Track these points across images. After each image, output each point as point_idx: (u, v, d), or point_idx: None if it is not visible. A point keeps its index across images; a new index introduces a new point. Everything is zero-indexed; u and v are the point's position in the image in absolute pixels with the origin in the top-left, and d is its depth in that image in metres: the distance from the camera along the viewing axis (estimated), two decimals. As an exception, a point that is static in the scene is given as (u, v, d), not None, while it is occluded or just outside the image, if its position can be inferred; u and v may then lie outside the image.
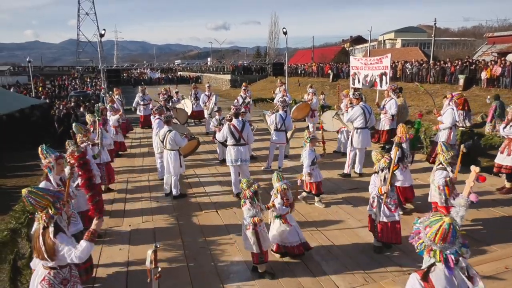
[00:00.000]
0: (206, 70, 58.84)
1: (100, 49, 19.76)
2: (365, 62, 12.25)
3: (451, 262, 2.29)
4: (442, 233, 2.27)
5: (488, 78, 20.18)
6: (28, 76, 38.41)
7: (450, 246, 2.30)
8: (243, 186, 4.82)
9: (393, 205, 5.15)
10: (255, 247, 4.70)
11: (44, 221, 3.15)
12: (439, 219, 2.35)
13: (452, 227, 2.28)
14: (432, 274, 2.37)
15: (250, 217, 4.67)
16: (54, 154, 4.60)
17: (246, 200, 4.73)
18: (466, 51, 44.07)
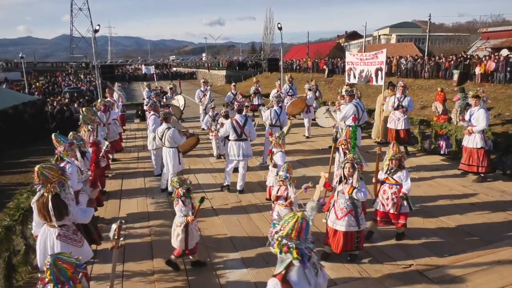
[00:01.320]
0: (201, 65, 58.62)
1: (94, 45, 19.58)
2: (361, 58, 12.25)
3: (306, 257, 2.33)
4: (297, 228, 2.31)
5: (482, 73, 20.30)
6: (21, 72, 38.02)
7: (303, 242, 2.34)
8: (175, 185, 4.74)
9: (340, 212, 4.80)
10: (181, 244, 4.75)
11: (56, 188, 3.78)
12: (292, 216, 2.40)
13: (306, 221, 2.33)
14: (289, 275, 2.40)
15: (183, 217, 4.67)
16: (67, 141, 5.19)
17: (179, 199, 4.70)
18: (461, 46, 44.32)
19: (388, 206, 5.32)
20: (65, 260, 2.63)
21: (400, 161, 5.34)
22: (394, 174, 5.34)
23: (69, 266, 2.61)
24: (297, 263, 2.36)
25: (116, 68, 43.74)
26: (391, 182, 5.34)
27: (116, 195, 7.83)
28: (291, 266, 2.39)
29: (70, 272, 2.60)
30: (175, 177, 4.89)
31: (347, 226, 4.76)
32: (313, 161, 9.61)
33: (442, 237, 5.56)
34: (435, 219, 6.17)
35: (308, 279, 2.41)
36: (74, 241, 4.01)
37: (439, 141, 9.80)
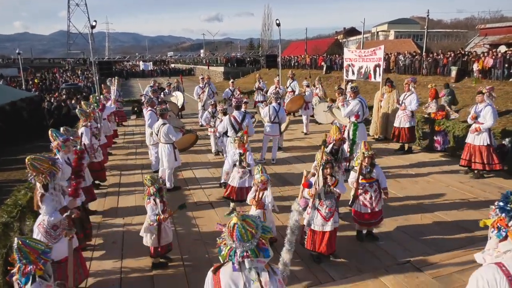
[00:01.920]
0: (199, 62, 58.47)
1: (91, 41, 19.50)
2: (359, 54, 12.24)
3: (235, 260, 2.31)
4: (229, 231, 2.30)
5: (480, 70, 20.30)
6: (18, 69, 37.82)
7: (239, 244, 2.28)
8: (147, 182, 4.71)
9: (328, 213, 4.73)
10: (153, 242, 4.76)
11: (47, 179, 3.90)
12: (231, 217, 2.37)
13: (236, 227, 2.28)
14: (223, 268, 2.40)
15: (155, 215, 4.65)
16: (62, 137, 5.17)
17: (150, 197, 4.68)
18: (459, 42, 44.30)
19: (373, 204, 5.26)
20: (29, 244, 2.83)
21: (372, 159, 5.28)
22: (371, 173, 5.28)
23: (33, 251, 2.80)
24: (229, 263, 2.36)
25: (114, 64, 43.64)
26: (371, 181, 5.27)
27: (114, 191, 7.82)
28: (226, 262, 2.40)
29: (33, 257, 2.79)
30: (147, 175, 4.87)
31: (334, 224, 4.76)
32: (311, 158, 9.56)
33: (439, 233, 5.59)
34: (432, 215, 6.19)
35: (236, 283, 2.35)
36: (48, 235, 4.02)
37: (436, 138, 9.82)
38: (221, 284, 2.38)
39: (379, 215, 5.36)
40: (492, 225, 2.50)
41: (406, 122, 9.54)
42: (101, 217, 6.56)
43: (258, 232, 2.32)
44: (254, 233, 2.29)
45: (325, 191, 4.74)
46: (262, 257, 2.32)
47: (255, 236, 2.30)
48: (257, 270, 2.35)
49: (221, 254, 2.38)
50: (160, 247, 4.83)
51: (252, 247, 2.29)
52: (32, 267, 2.78)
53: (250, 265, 2.32)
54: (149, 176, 4.79)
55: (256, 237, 2.30)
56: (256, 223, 2.34)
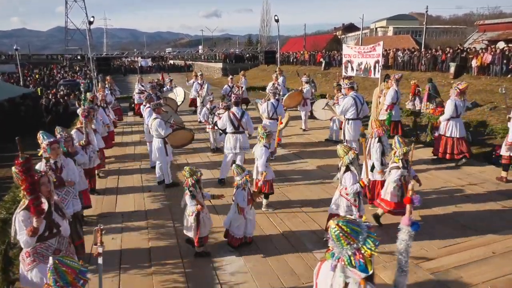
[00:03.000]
0: (197, 58, 58.25)
1: (89, 37, 19.44)
2: (359, 50, 12.20)
3: (333, 260, 2.33)
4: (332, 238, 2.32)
5: (478, 66, 20.28)
6: (16, 65, 37.65)
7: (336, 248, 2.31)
8: (186, 174, 4.86)
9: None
10: (193, 233, 4.87)
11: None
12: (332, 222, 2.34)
13: (332, 228, 2.28)
14: (328, 261, 2.42)
15: (194, 206, 4.77)
16: (48, 139, 4.73)
17: (189, 188, 4.80)
18: (457, 39, 44.29)
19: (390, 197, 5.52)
20: (67, 264, 2.47)
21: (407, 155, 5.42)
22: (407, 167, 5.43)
23: (71, 270, 2.45)
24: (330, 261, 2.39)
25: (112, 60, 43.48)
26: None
27: (113, 189, 7.82)
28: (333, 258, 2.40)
29: (71, 277, 2.43)
30: (187, 167, 4.98)
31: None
32: (309, 154, 9.63)
33: (437, 229, 5.61)
34: (430, 210, 6.22)
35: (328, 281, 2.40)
36: (42, 256, 3.62)
37: (435, 134, 9.83)
38: (319, 274, 2.51)
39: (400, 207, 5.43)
40: None
41: (382, 115, 9.93)
42: (100, 214, 6.57)
43: (358, 242, 2.25)
44: (351, 242, 2.25)
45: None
46: (357, 269, 2.25)
47: (352, 245, 2.25)
48: (348, 279, 2.30)
49: (327, 254, 2.44)
50: (204, 237, 4.94)
51: (347, 254, 2.25)
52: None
53: (341, 270, 2.29)
54: (188, 168, 4.91)
55: (352, 246, 2.25)
56: (357, 233, 2.27)
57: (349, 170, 4.91)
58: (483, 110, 14.21)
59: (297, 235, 5.55)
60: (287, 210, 6.47)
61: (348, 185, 4.91)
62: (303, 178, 7.98)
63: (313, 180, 7.78)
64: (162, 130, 7.36)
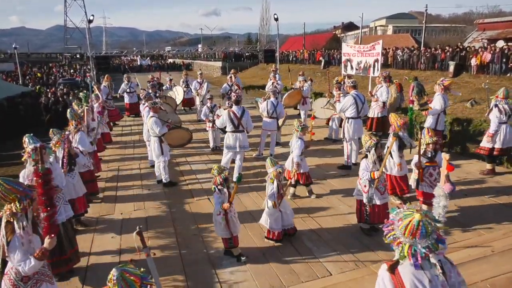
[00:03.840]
0: (197, 57, 58.24)
1: (88, 36, 19.40)
2: (359, 49, 12.23)
3: (418, 257, 2.25)
4: (411, 229, 2.22)
5: (478, 65, 20.30)
6: (15, 64, 37.59)
7: (420, 241, 2.24)
8: (214, 172, 4.84)
9: (383, 187, 5.29)
10: (225, 233, 4.82)
11: (7, 215, 2.99)
12: (410, 214, 2.29)
13: (422, 224, 2.21)
14: (401, 267, 2.33)
15: (220, 204, 4.72)
16: (35, 143, 4.36)
17: (217, 186, 4.77)
18: (457, 37, 44.26)
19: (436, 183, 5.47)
20: (132, 272, 2.47)
21: (437, 144, 5.58)
22: (434, 157, 5.54)
23: (137, 278, 2.45)
24: (406, 261, 2.30)
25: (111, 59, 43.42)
26: (434, 164, 5.51)
27: (112, 188, 7.82)
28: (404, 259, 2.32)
29: (138, 285, 2.44)
30: (216, 165, 4.97)
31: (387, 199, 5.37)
32: (309, 152, 9.57)
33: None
34: (428, 209, 6.21)
35: (423, 280, 2.29)
36: (47, 277, 3.29)
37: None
38: (404, 284, 2.30)
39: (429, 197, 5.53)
40: None
41: (378, 112, 10.07)
42: (99, 213, 6.57)
43: (435, 224, 2.30)
44: (433, 227, 2.27)
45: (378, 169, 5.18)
46: (441, 248, 2.30)
47: (434, 229, 2.28)
48: (440, 263, 2.33)
49: (400, 254, 2.32)
50: (233, 237, 4.87)
51: (433, 241, 2.26)
52: None
53: (435, 259, 2.31)
54: (217, 166, 4.89)
55: (435, 230, 2.28)
56: (431, 215, 2.34)
57: (366, 157, 5.32)
58: (482, 109, 14.20)
59: (297, 233, 5.56)
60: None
61: (360, 171, 5.32)
62: (303, 177, 7.97)
63: (313, 178, 7.77)
64: (157, 129, 7.37)
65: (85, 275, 4.75)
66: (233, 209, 4.88)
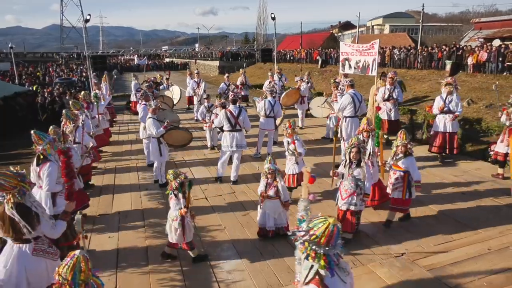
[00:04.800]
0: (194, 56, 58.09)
1: (85, 35, 19.34)
2: (357, 48, 12.20)
3: (333, 264, 2.26)
4: (328, 235, 2.20)
5: (474, 64, 20.36)
6: (11, 63, 37.38)
7: (332, 248, 2.24)
8: (169, 177, 4.70)
9: (344, 193, 5.13)
10: (179, 238, 4.73)
11: (16, 197, 3.31)
12: (323, 221, 2.26)
13: (337, 228, 2.22)
14: (325, 279, 2.31)
15: (177, 210, 4.66)
16: (49, 138, 4.89)
17: (173, 191, 4.67)
18: (453, 36, 44.38)
19: (390, 189, 5.58)
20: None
21: (407, 148, 5.49)
22: (398, 160, 5.51)
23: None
24: (324, 272, 2.27)
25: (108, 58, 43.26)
26: (397, 169, 5.51)
27: (110, 187, 7.80)
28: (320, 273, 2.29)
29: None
30: (171, 170, 4.85)
31: (348, 205, 5.07)
32: (307, 152, 9.58)
33: (433, 226, 5.64)
34: (427, 208, 6.25)
35: (341, 284, 2.34)
36: (50, 254, 3.57)
37: (430, 131, 9.86)
38: None
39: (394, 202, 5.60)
40: None
41: (397, 114, 9.90)
42: (96, 213, 6.55)
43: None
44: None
45: (346, 173, 5.10)
46: (342, 252, 2.35)
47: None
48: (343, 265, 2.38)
49: (320, 266, 2.26)
50: (185, 243, 4.81)
51: (341, 245, 2.29)
52: None
53: (344, 265, 2.34)
54: (172, 171, 4.77)
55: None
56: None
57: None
58: (478, 108, 14.25)
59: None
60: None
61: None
62: (300, 176, 7.98)
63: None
64: (154, 130, 7.35)
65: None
66: (188, 215, 4.81)
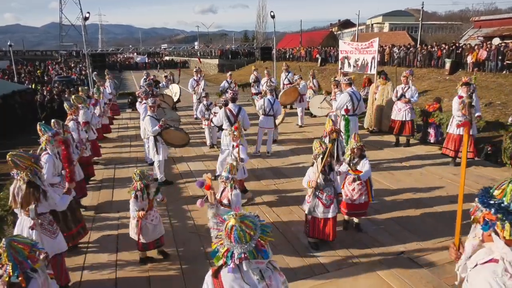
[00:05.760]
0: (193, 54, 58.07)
1: (84, 33, 19.29)
2: (356, 47, 12.21)
3: (233, 261, 2.24)
4: (226, 232, 2.23)
5: (473, 62, 20.38)
6: (10, 61, 37.30)
7: (236, 245, 2.22)
8: (135, 177, 4.64)
9: (328, 200, 4.89)
10: (136, 236, 4.73)
11: (29, 176, 3.78)
12: (229, 218, 2.27)
13: (235, 229, 2.20)
14: (223, 272, 2.33)
15: (135, 211, 4.62)
16: (51, 131, 5.12)
17: (135, 192, 4.61)
18: (453, 35, 44.38)
19: (355, 196, 5.33)
20: (20, 241, 2.69)
21: (362, 151, 5.33)
22: (356, 165, 5.34)
23: (25, 246, 2.66)
24: (220, 263, 2.30)
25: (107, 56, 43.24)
26: (358, 173, 5.30)
27: (109, 184, 7.81)
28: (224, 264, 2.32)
29: (26, 251, 2.65)
30: (138, 169, 4.79)
31: (334, 212, 4.93)
32: (306, 150, 9.62)
33: (432, 224, 5.65)
34: (426, 206, 6.25)
35: (241, 286, 2.29)
36: (48, 232, 4.02)
37: (429, 130, 9.87)
38: (223, 284, 2.32)
39: (361, 207, 5.43)
40: (477, 220, 2.38)
41: (409, 114, 9.36)
42: (94, 212, 6.55)
43: (257, 233, 2.25)
44: (252, 235, 2.23)
45: (324, 179, 4.86)
46: (260, 258, 2.26)
47: (254, 237, 2.23)
48: (260, 271, 2.30)
49: (217, 255, 2.31)
50: (147, 242, 4.77)
51: (250, 248, 2.23)
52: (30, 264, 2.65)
53: (247, 267, 2.26)
54: (139, 171, 4.71)
55: (254, 239, 2.24)
56: (255, 224, 2.26)
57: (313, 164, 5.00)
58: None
59: (293, 231, 5.57)
60: (283, 206, 6.49)
61: (303, 180, 5.09)
62: (300, 174, 7.94)
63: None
64: (150, 127, 7.35)
65: (82, 273, 4.74)
66: (155, 215, 4.79)
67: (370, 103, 11.30)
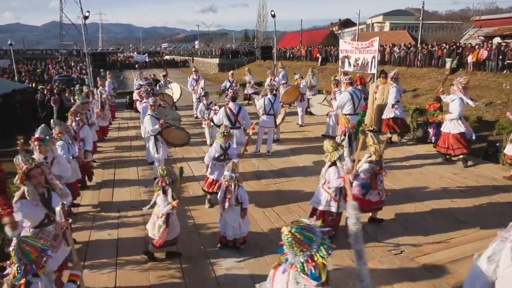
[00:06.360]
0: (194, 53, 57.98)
1: (84, 32, 19.28)
2: (356, 46, 12.18)
3: (285, 264, 2.31)
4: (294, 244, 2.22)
5: (474, 62, 20.34)
6: (10, 60, 37.27)
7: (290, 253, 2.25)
8: (161, 172, 4.66)
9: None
10: (163, 235, 4.67)
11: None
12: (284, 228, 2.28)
13: (284, 235, 2.23)
14: (281, 267, 2.37)
15: (166, 206, 4.59)
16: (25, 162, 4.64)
17: (162, 187, 4.63)
18: (454, 34, 44.33)
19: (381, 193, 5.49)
20: (30, 243, 2.63)
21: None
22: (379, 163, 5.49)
23: (34, 249, 2.61)
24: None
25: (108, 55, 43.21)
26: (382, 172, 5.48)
27: (109, 184, 7.81)
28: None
29: (34, 255, 2.60)
30: (163, 166, 4.83)
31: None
32: (306, 150, 9.63)
33: (432, 224, 5.64)
34: (426, 205, 6.25)
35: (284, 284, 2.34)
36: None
37: (429, 129, 9.86)
38: (274, 279, 2.43)
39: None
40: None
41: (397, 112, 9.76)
42: (96, 210, 6.56)
43: (311, 250, 2.18)
44: (303, 249, 2.17)
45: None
46: (309, 277, 2.18)
47: (304, 252, 2.18)
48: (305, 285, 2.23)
49: (279, 255, 2.37)
50: (165, 241, 4.75)
51: (300, 260, 2.19)
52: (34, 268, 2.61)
53: (294, 277, 2.24)
54: (165, 167, 4.78)
55: (305, 253, 2.18)
56: (311, 240, 2.19)
57: (335, 165, 4.96)
58: (478, 106, 14.26)
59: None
60: (284, 205, 6.49)
61: (332, 179, 4.92)
62: (300, 174, 7.99)
63: (310, 176, 7.78)
64: (149, 127, 7.36)
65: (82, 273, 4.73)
66: (175, 212, 4.80)
67: (370, 102, 11.29)
